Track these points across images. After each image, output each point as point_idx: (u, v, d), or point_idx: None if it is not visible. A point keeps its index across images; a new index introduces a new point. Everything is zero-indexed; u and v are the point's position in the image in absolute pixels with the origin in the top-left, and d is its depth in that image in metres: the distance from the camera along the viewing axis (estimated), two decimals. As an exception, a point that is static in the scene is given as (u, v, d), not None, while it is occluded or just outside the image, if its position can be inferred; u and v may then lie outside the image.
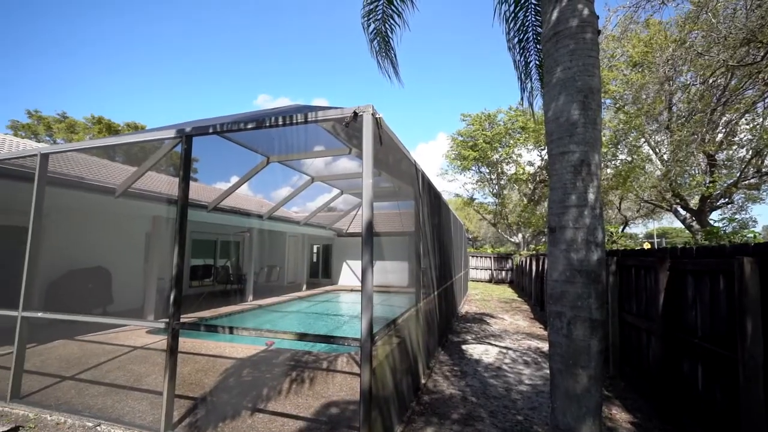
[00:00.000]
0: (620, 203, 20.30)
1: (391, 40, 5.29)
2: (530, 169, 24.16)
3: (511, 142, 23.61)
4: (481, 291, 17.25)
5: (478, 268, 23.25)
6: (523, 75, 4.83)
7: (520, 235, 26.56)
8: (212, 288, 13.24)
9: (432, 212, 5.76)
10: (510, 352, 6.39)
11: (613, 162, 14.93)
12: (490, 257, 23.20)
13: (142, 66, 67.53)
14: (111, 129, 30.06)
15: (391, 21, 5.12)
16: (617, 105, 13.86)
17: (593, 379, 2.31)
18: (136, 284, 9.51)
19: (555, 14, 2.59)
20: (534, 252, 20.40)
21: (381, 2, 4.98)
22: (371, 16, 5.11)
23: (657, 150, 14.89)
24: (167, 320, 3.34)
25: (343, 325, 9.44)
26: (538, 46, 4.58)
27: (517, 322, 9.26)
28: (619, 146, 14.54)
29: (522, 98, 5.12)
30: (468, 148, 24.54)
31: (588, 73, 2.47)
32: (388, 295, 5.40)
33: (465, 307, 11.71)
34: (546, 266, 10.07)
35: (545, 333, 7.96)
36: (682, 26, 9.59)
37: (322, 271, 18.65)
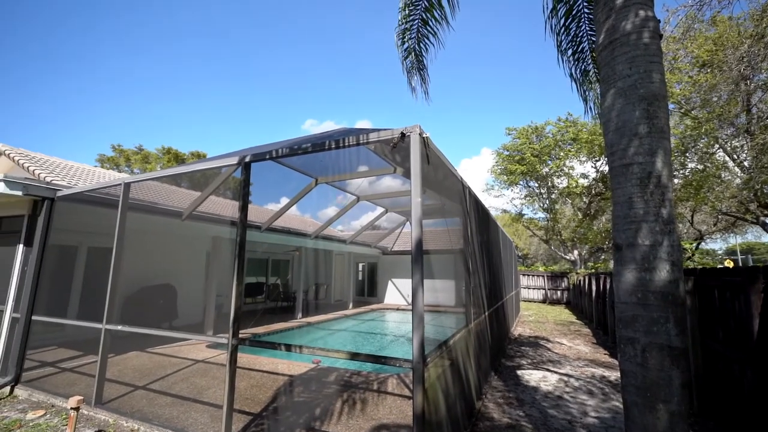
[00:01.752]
0: (692, 216, 18.32)
1: (424, 59, 5.38)
2: (584, 182, 22.74)
3: (562, 154, 22.48)
4: (535, 312, 16.23)
5: (530, 287, 22.00)
6: (581, 85, 4.65)
7: (575, 252, 24.81)
8: (264, 305, 13.84)
9: (480, 229, 5.61)
10: (571, 379, 5.89)
11: (681, 171, 13.61)
12: (543, 276, 21.87)
13: (204, 98, 74.77)
14: (178, 158, 33.33)
15: (426, 41, 5.22)
16: (682, 109, 12.73)
17: (677, 416, 2.04)
18: (197, 300, 10.21)
19: (609, 22, 2.49)
20: (593, 270, 18.93)
21: (416, 22, 5.11)
22: (406, 35, 5.25)
23: (735, 156, 13.34)
24: (227, 337, 3.53)
25: (390, 345, 9.33)
26: (593, 54, 4.41)
27: (577, 347, 8.55)
28: (687, 154, 13.25)
29: (585, 109, 4.93)
30: (515, 162, 23.74)
31: (650, 80, 2.31)
32: (438, 315, 5.27)
33: (518, 330, 11.06)
34: (610, 286, 9.28)
35: (611, 360, 7.24)
36: (758, 20, 8.67)
37: (368, 289, 18.73)
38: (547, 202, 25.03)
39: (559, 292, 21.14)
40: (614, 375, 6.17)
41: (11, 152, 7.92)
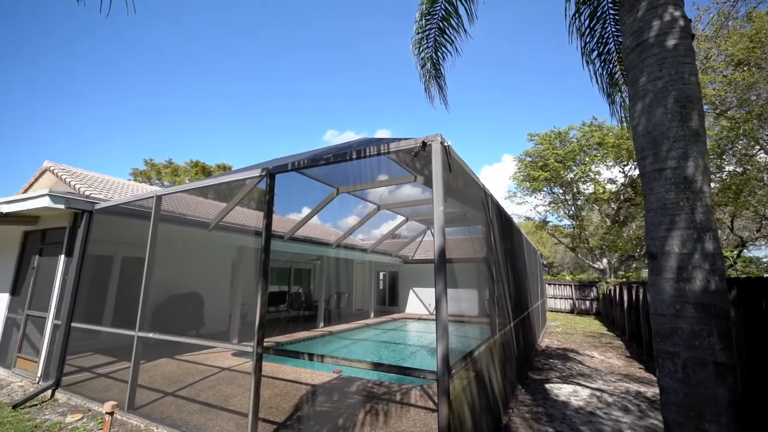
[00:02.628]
0: (732, 222, 17.27)
1: (441, 67, 5.39)
2: (611, 188, 21.95)
3: (587, 159, 21.85)
4: (563, 323, 15.64)
5: (556, 297, 21.25)
6: (608, 88, 4.53)
7: (604, 261, 23.85)
8: (286, 314, 14.00)
9: (503, 237, 5.49)
10: (604, 395, 5.60)
11: (718, 175, 12.92)
12: (571, 285, 21.09)
13: (228, 112, 77.77)
14: (205, 170, 34.62)
15: (443, 49, 5.24)
16: (717, 110, 12.14)
17: (725, 438, 1.90)
18: (222, 309, 10.46)
19: (636, 23, 2.42)
20: (624, 279, 18.12)
21: (433, 31, 5.14)
22: (422, 44, 5.29)
23: (778, 157, 12.56)
24: (252, 345, 3.59)
25: (412, 355, 9.21)
26: (620, 56, 4.29)
27: (609, 361, 8.15)
28: (724, 156, 12.58)
29: (611, 112, 4.79)
30: (538, 168, 23.25)
31: (683, 82, 2.23)
32: (462, 325, 5.17)
33: (545, 341, 10.68)
34: (643, 296, 8.84)
35: (647, 375, 6.86)
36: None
37: (389, 298, 18.63)
38: (573, 209, 24.31)
39: (587, 302, 20.31)
40: (651, 391, 5.84)
41: (55, 168, 8.47)
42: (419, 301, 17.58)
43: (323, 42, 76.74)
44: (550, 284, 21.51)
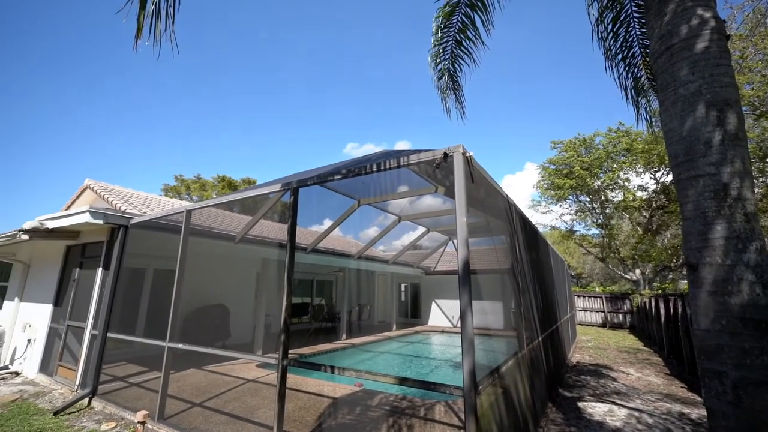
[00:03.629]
0: (779, 229, 16.11)
1: (458, 79, 5.39)
2: (642, 195, 21.04)
3: (615, 166, 21.10)
4: (594, 337, 14.92)
5: (586, 309, 20.35)
6: (633, 93, 4.40)
7: (637, 272, 22.71)
8: (309, 325, 14.07)
9: (529, 248, 5.35)
10: (644, 415, 5.27)
11: (762, 179, 12.15)
12: (602, 297, 20.16)
13: (250, 126, 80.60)
14: (231, 185, 35.82)
15: (460, 61, 5.25)
16: (757, 111, 11.49)
17: (784, 468, 1.74)
18: (246, 320, 10.63)
19: (665, 27, 2.35)
20: (660, 291, 17.18)
21: (450, 44, 5.16)
22: (439, 56, 5.32)
23: (828, 159, 11.70)
24: (276, 357, 3.62)
25: (436, 370, 9.01)
26: (646, 59, 4.16)
27: (647, 378, 7.67)
28: (767, 160, 11.84)
29: (636, 117, 4.64)
30: (562, 176, 22.64)
31: (719, 84, 2.13)
32: (488, 339, 5.04)
33: (576, 356, 10.20)
34: (682, 310, 8.33)
35: (690, 395, 6.40)
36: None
37: (411, 310, 18.39)
38: (601, 218, 23.41)
39: (620, 316, 19.31)
40: (696, 412, 5.44)
41: (94, 185, 9.01)
42: (442, 313, 17.27)
43: (342, 59, 78.72)
44: (579, 296, 20.65)
